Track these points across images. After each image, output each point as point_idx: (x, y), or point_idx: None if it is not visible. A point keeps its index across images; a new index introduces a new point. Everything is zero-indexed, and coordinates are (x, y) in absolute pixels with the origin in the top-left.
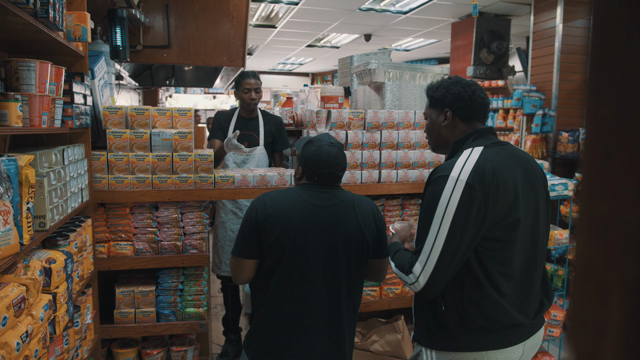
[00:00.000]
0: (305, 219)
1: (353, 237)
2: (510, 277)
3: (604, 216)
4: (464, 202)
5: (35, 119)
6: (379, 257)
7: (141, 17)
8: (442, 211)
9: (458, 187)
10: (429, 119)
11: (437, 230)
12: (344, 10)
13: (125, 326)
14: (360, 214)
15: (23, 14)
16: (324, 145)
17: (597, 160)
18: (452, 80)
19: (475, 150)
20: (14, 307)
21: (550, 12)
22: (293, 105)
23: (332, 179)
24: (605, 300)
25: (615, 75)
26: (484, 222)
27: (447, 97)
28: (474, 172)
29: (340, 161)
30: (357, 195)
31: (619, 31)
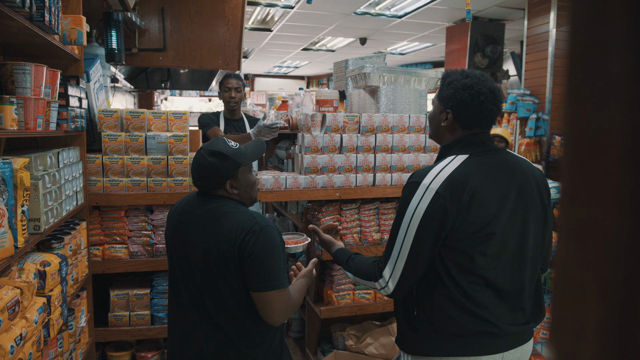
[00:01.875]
0: (181, 225)
1: (199, 252)
2: (484, 287)
3: (582, 220)
4: (431, 211)
5: (31, 122)
6: (253, 290)
7: (137, 20)
8: (410, 217)
9: (427, 195)
10: (433, 108)
11: (404, 235)
12: (339, 14)
13: (119, 329)
14: (217, 232)
15: (19, 17)
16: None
17: (574, 166)
18: (464, 83)
19: (457, 159)
20: (8, 310)
21: (544, 17)
22: (288, 108)
23: (200, 191)
24: (584, 301)
25: (589, 82)
26: (451, 232)
27: (453, 100)
28: (447, 181)
29: (195, 169)
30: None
31: (594, 40)
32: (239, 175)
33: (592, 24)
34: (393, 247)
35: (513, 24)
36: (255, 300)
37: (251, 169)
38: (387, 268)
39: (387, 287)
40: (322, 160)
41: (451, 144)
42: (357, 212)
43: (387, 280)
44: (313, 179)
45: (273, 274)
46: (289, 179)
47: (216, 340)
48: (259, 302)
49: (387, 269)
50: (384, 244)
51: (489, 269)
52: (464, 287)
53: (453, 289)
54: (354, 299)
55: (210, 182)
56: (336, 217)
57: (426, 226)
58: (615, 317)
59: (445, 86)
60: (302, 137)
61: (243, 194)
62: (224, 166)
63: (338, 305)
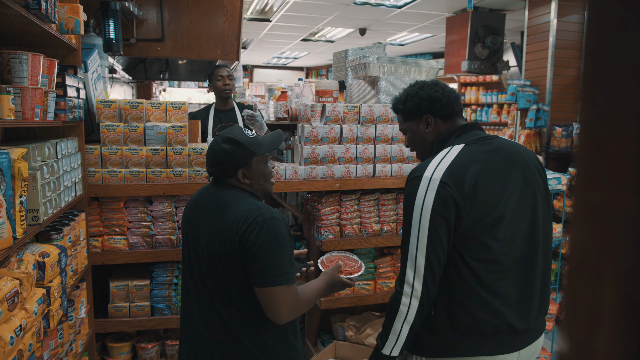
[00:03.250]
0: (191, 216)
1: (205, 244)
2: (502, 275)
3: (598, 206)
4: (439, 200)
5: (28, 112)
6: (255, 285)
7: (134, 9)
8: (419, 211)
9: (432, 185)
10: (409, 132)
11: (417, 230)
12: (338, 4)
13: (119, 320)
14: (219, 221)
15: (15, 5)
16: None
17: (591, 151)
18: (418, 86)
19: (454, 149)
20: (7, 301)
21: (545, 7)
22: (288, 99)
23: (213, 179)
24: (599, 290)
25: (610, 66)
26: (461, 219)
27: (422, 104)
28: (449, 170)
29: (209, 155)
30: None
31: (615, 22)
32: (252, 164)
33: (611, 7)
34: (409, 246)
35: (514, 14)
36: (259, 296)
37: (267, 159)
38: (408, 270)
39: (414, 290)
40: (322, 151)
41: (445, 137)
42: (357, 203)
43: (412, 283)
44: (313, 169)
45: (277, 269)
46: (288, 169)
47: (220, 335)
48: (262, 298)
49: (409, 271)
50: (384, 235)
51: (504, 254)
52: (482, 278)
53: (472, 282)
54: (354, 290)
55: (222, 170)
56: (336, 208)
57: (438, 216)
58: (632, 305)
59: (405, 104)
60: (302, 127)
61: (255, 184)
62: (237, 153)
63: (338, 296)
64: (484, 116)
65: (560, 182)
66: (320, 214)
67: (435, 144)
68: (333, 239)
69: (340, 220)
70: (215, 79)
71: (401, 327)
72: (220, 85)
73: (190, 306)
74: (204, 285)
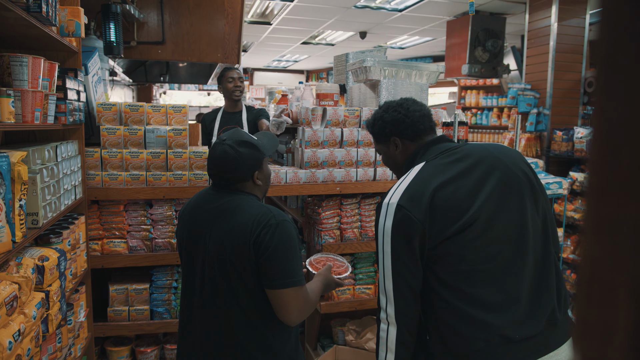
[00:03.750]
0: (192, 221)
1: (213, 248)
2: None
3: (611, 216)
4: (396, 223)
5: (28, 115)
6: (268, 287)
7: (135, 12)
8: (381, 237)
9: (389, 210)
10: (382, 153)
11: (382, 256)
12: (339, 7)
13: (118, 324)
14: (230, 225)
15: (15, 8)
16: (216, 143)
17: (604, 159)
18: (383, 109)
19: (414, 169)
20: (6, 305)
21: (545, 11)
22: (288, 102)
23: (220, 182)
24: (612, 302)
25: (624, 73)
26: (424, 237)
27: (387, 127)
28: (406, 191)
29: (224, 161)
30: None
31: (630, 28)
32: (263, 166)
33: (626, 13)
34: (379, 272)
35: (514, 18)
36: (271, 298)
37: (268, 160)
38: (381, 297)
39: (389, 316)
40: (323, 154)
41: (409, 160)
42: (357, 206)
43: (385, 308)
44: (313, 173)
45: (290, 271)
46: (289, 173)
47: (227, 341)
48: (275, 300)
49: (382, 298)
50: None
51: (482, 261)
52: (462, 290)
53: (451, 298)
54: (354, 294)
55: (241, 174)
56: (336, 212)
57: (398, 239)
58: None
59: (373, 127)
60: (303, 131)
61: (264, 185)
62: (254, 156)
63: (338, 300)
64: (484, 120)
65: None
66: (321, 217)
67: (404, 168)
68: (333, 243)
69: (340, 224)
70: (226, 81)
71: (385, 356)
72: (231, 87)
73: (191, 311)
74: (210, 290)
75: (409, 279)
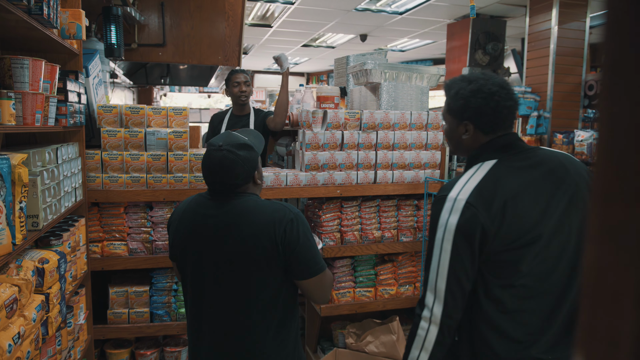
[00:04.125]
0: (195, 229)
1: (230, 254)
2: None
3: (616, 222)
4: (463, 222)
5: (29, 117)
6: (299, 278)
7: (136, 15)
8: (442, 233)
9: (456, 206)
10: (447, 124)
11: (439, 253)
12: (339, 10)
13: (118, 327)
14: (254, 227)
15: (17, 10)
16: (211, 149)
17: (609, 166)
18: (471, 88)
19: (485, 165)
20: (6, 308)
21: (546, 14)
22: (289, 105)
23: (223, 190)
24: (617, 309)
25: (631, 78)
26: (487, 242)
27: (467, 111)
28: (477, 189)
29: (227, 168)
30: (262, 204)
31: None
32: (258, 165)
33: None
34: (430, 269)
35: (514, 21)
36: (306, 287)
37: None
38: (428, 294)
39: (433, 316)
40: (323, 157)
41: (477, 152)
42: (357, 209)
43: (431, 307)
44: (314, 176)
45: (317, 257)
46: (289, 175)
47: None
48: (311, 287)
49: (429, 295)
50: (385, 242)
51: (534, 279)
52: (506, 305)
53: (494, 311)
54: (354, 296)
55: (246, 178)
56: (337, 215)
57: (461, 240)
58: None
59: (452, 98)
60: (303, 133)
61: (261, 184)
62: (253, 157)
63: (338, 303)
64: None
65: None
66: (321, 220)
67: (468, 159)
68: (334, 246)
69: (341, 226)
70: (232, 85)
71: (419, 355)
72: (236, 91)
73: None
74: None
75: (464, 281)
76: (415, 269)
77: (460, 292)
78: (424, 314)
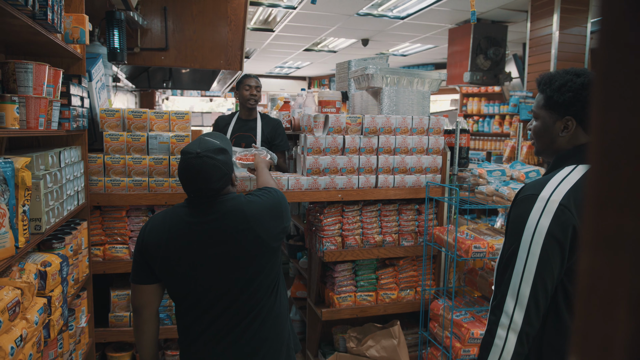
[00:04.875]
0: (187, 239)
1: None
2: None
3: (610, 230)
4: (556, 226)
5: (32, 121)
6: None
7: (139, 19)
8: (531, 235)
9: (549, 208)
10: (541, 121)
11: (526, 256)
12: (341, 15)
13: (120, 330)
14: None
15: (22, 15)
16: (189, 157)
17: (602, 175)
18: (582, 82)
19: (579, 168)
20: (9, 310)
21: (547, 19)
22: (290, 109)
23: (207, 196)
24: (611, 314)
25: (623, 86)
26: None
27: (575, 105)
28: (571, 192)
29: (208, 174)
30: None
31: (627, 45)
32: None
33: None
34: (513, 272)
35: (516, 26)
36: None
37: None
38: (509, 299)
39: (513, 323)
40: (325, 161)
41: (569, 152)
42: (359, 213)
43: (511, 314)
44: (315, 180)
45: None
46: (291, 180)
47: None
48: None
49: (510, 300)
50: (386, 246)
51: None
52: None
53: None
54: (355, 301)
55: (227, 180)
56: (338, 219)
57: (554, 242)
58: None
59: (555, 91)
60: (305, 138)
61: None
62: (229, 160)
63: (339, 307)
64: (485, 127)
65: None
66: (323, 224)
67: (555, 159)
68: (335, 250)
69: (342, 230)
70: (243, 88)
71: None
72: (247, 94)
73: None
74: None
75: (549, 287)
76: (416, 274)
77: (544, 299)
78: (502, 321)
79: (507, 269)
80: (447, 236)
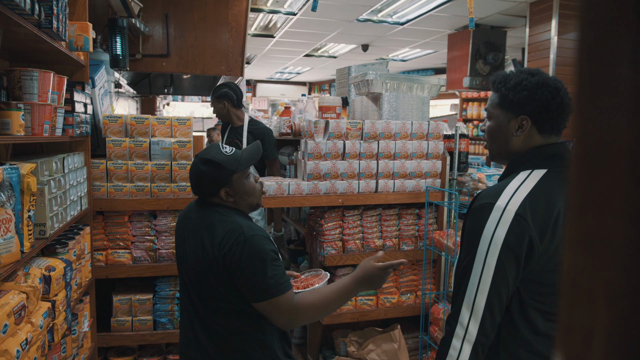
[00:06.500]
0: (178, 231)
1: (191, 261)
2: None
3: (589, 232)
4: (512, 236)
5: (37, 128)
6: (248, 300)
7: (141, 26)
8: (486, 247)
9: (505, 218)
10: (495, 120)
11: (481, 267)
12: (341, 20)
13: (122, 334)
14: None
15: (28, 24)
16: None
17: (582, 177)
18: (537, 80)
19: (535, 174)
20: (15, 314)
21: (546, 24)
22: (291, 115)
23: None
24: (592, 309)
25: (598, 97)
26: (532, 260)
27: (530, 104)
28: (527, 201)
29: (191, 177)
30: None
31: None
32: (233, 182)
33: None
34: (468, 283)
35: (514, 32)
36: (261, 310)
37: (248, 174)
38: (464, 310)
39: (468, 334)
40: (325, 166)
41: (524, 157)
42: (359, 218)
43: (466, 325)
44: (316, 185)
45: (263, 284)
46: (291, 185)
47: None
48: (264, 311)
49: (465, 311)
50: (386, 250)
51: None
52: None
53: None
54: (356, 305)
55: (204, 190)
56: (339, 224)
57: (508, 255)
58: (623, 322)
59: (510, 90)
60: (305, 143)
61: (240, 201)
62: (216, 174)
63: (340, 311)
64: None
65: None
66: (323, 229)
67: (510, 162)
68: (335, 254)
69: (342, 235)
70: None
71: None
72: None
73: (185, 317)
74: (194, 299)
75: (505, 299)
76: (416, 278)
77: (499, 310)
78: (457, 332)
79: (462, 280)
80: (447, 240)
